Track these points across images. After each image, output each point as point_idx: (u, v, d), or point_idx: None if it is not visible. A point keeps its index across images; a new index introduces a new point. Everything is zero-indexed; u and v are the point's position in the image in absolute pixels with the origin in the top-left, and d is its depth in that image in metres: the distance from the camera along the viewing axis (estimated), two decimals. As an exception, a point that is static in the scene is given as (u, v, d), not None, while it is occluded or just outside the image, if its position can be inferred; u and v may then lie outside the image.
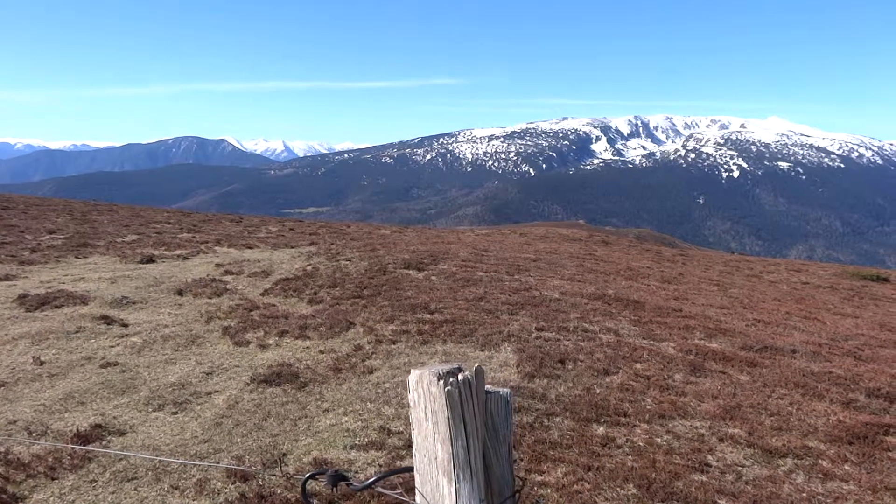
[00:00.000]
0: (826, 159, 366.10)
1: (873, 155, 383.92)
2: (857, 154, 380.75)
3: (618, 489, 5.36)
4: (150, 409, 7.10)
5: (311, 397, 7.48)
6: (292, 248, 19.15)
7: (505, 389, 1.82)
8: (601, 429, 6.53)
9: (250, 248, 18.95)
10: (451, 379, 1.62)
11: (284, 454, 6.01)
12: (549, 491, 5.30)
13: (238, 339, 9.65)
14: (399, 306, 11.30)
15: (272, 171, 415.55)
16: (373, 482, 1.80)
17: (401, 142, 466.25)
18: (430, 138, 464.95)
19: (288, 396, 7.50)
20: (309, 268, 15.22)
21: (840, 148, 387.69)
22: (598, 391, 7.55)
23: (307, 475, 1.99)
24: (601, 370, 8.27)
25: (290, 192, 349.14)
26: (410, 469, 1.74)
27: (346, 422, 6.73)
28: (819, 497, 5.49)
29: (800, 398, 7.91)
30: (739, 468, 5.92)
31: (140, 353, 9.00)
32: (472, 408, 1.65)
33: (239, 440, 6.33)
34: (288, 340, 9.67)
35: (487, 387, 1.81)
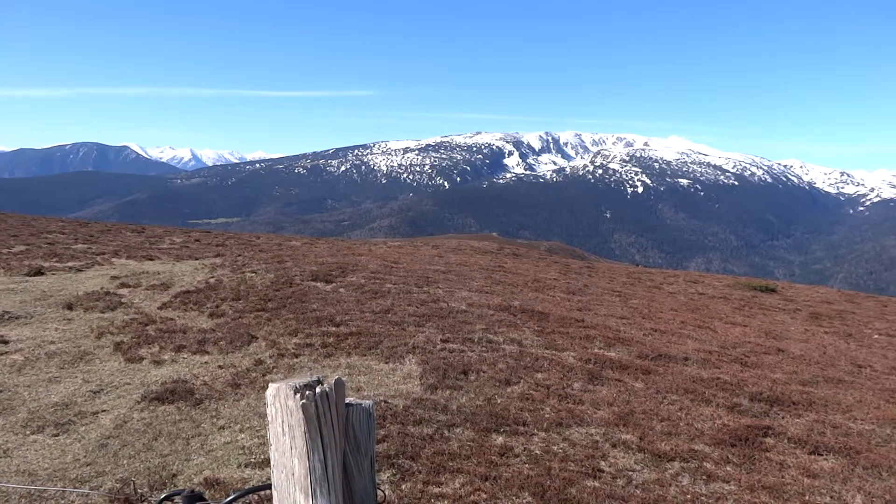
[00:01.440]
0: (722, 177, 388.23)
1: (763, 174, 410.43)
2: (749, 172, 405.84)
3: (513, 498, 5.44)
4: (29, 432, 6.64)
5: (207, 414, 7.21)
6: (196, 259, 18.47)
7: (367, 401, 1.81)
8: (500, 438, 6.61)
9: (151, 259, 18.14)
10: (307, 392, 1.60)
11: (174, 475, 5.76)
12: (446, 503, 5.32)
13: (131, 355, 9.20)
14: (304, 319, 11.10)
15: (179, 180, 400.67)
16: (230, 501, 1.75)
17: (315, 152, 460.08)
18: (345, 150, 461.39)
19: (182, 414, 7.20)
20: (212, 280, 14.72)
21: (734, 166, 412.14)
22: (499, 401, 7.65)
23: (162, 496, 1.91)
24: (503, 380, 8.39)
25: (198, 202, 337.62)
26: (268, 486, 1.70)
27: (243, 439, 6.52)
28: (702, 498, 5.75)
29: (689, 403, 8.29)
30: (630, 473, 6.13)
31: (20, 372, 8.42)
32: (330, 421, 1.63)
33: (125, 462, 6.01)
34: (185, 356, 9.30)
35: (349, 399, 1.79)
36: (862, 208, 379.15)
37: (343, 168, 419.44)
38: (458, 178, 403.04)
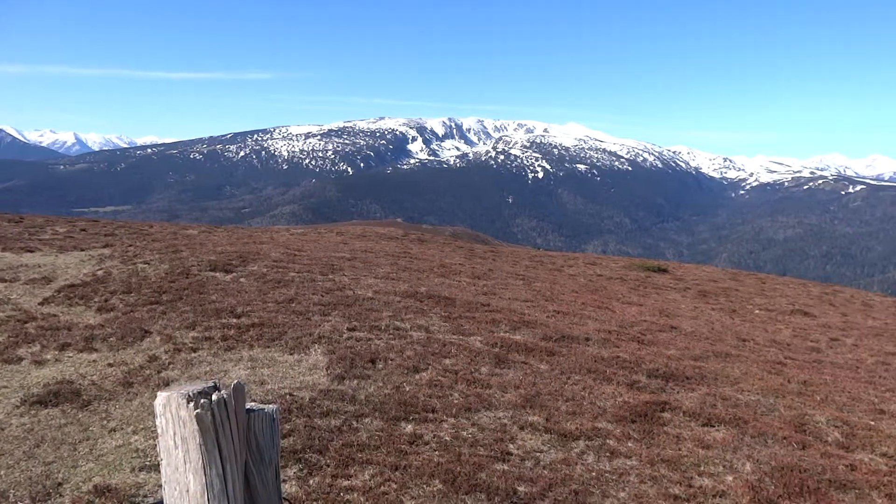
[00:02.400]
0: (617, 163, 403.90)
1: (655, 159, 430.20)
2: (642, 158, 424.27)
3: (424, 486, 5.40)
4: None
5: (96, 417, 6.75)
6: (82, 250, 17.29)
7: (271, 406, 1.68)
8: (409, 427, 6.56)
9: (31, 251, 16.82)
10: (202, 400, 1.45)
11: (59, 484, 5.35)
12: (355, 495, 5.21)
13: (7, 355, 8.48)
14: (202, 311, 10.61)
15: (62, 166, 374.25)
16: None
17: (211, 137, 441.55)
18: (244, 134, 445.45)
19: (67, 417, 6.71)
20: (100, 272, 13.83)
21: (628, 153, 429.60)
22: (407, 389, 7.60)
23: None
24: (411, 367, 8.34)
25: (85, 189, 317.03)
26: (160, 504, 1.54)
27: (136, 441, 6.14)
28: (606, 475, 5.93)
29: (592, 383, 8.54)
30: (538, 454, 6.24)
31: None
32: (229, 431, 1.49)
33: (3, 473, 5.53)
34: (70, 354, 8.67)
35: (250, 404, 1.65)
36: (742, 192, 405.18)
37: (242, 153, 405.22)
38: (362, 164, 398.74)
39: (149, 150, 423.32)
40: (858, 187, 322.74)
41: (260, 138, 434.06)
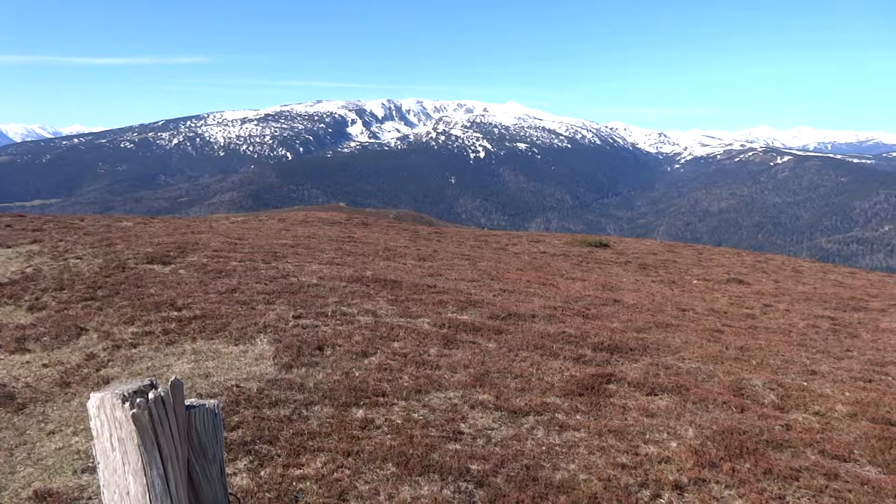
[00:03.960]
0: (556, 140, 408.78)
1: (593, 136, 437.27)
2: (580, 135, 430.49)
3: (377, 470, 5.39)
4: None
5: (33, 420, 6.48)
6: (8, 247, 16.49)
7: (213, 401, 1.62)
8: (360, 412, 6.53)
9: (-50, 250, 15.95)
10: (138, 400, 1.39)
11: (-5, 492, 5.12)
12: (308, 484, 5.16)
13: (-69, 361, 8.05)
14: (141, 305, 10.28)
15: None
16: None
17: (142, 125, 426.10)
18: (177, 121, 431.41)
19: (1, 423, 6.42)
20: (29, 269, 13.23)
21: (567, 130, 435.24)
22: (357, 374, 7.56)
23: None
24: (360, 352, 8.29)
25: (7, 183, 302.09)
26: (99, 509, 1.48)
27: (77, 443, 5.93)
28: (556, 448, 6.04)
29: (539, 359, 8.67)
30: (489, 432, 6.30)
31: None
32: (168, 429, 1.43)
33: (-68, 485, 5.26)
34: (1, 357, 8.29)
35: (191, 400, 1.59)
36: (678, 166, 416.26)
37: (175, 141, 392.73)
38: (302, 149, 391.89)
39: (76, 140, 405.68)
40: (786, 158, 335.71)
41: (194, 125, 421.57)
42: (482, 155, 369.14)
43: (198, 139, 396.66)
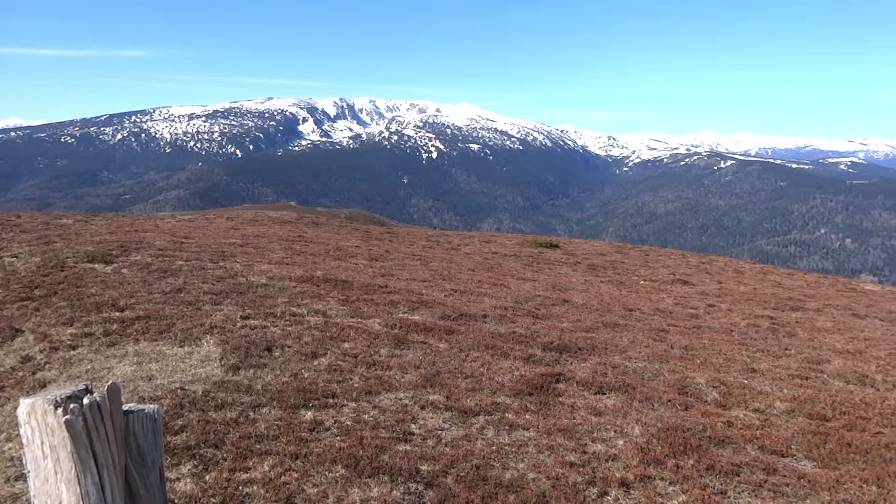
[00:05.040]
0: (508, 142, 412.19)
1: (544, 138, 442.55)
2: (532, 137, 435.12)
3: (326, 473, 5.33)
4: None
5: (-38, 426, 6.19)
6: (-64, 245, 15.73)
7: (152, 406, 1.57)
8: (309, 414, 6.45)
9: None
10: (72, 405, 1.33)
11: (-80, 503, 4.87)
12: (255, 488, 5.07)
13: None
14: (81, 306, 9.93)
15: None
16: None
17: (84, 119, 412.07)
18: (121, 116, 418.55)
19: (-73, 429, 6.11)
20: (-41, 269, 12.63)
21: (519, 132, 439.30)
22: (306, 375, 7.46)
23: None
24: (309, 353, 8.19)
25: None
26: (29, 520, 1.42)
27: (10, 449, 5.68)
28: (506, 447, 6.08)
29: (490, 359, 8.72)
30: (439, 432, 6.30)
31: None
32: (104, 435, 1.38)
33: None
34: (-72, 360, 7.89)
35: (129, 405, 1.54)
36: (626, 168, 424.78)
37: (119, 136, 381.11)
38: (252, 146, 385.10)
39: (12, 134, 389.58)
40: (729, 162, 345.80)
41: (139, 120, 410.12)
42: (435, 155, 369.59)
43: (143, 135, 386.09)
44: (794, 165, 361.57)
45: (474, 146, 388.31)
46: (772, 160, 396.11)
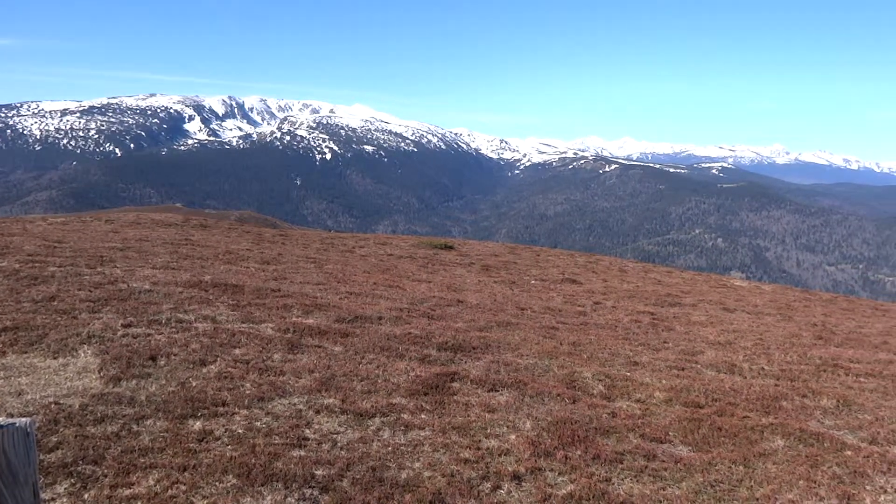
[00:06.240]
0: (403, 144, 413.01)
1: (438, 141, 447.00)
2: (426, 140, 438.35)
3: (216, 483, 5.17)
4: None
5: None
6: None
7: (24, 419, 1.49)
8: (198, 423, 6.22)
9: None
10: (-68, 422, 1.25)
11: None
12: (139, 503, 4.84)
13: None
14: (-63, 318, 9.08)
15: None
16: None
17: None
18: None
19: None
20: None
21: (413, 134, 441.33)
22: (194, 384, 7.18)
23: None
24: (198, 361, 7.89)
25: None
26: None
27: None
28: (402, 447, 6.13)
29: (385, 360, 8.73)
30: (335, 436, 6.25)
31: None
32: (-31, 452, 1.30)
33: None
34: None
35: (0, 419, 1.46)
36: (518, 171, 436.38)
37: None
38: (133, 145, 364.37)
39: None
40: (613, 166, 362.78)
41: (5, 115, 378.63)
42: (329, 156, 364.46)
43: (9, 131, 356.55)
44: (672, 170, 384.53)
45: (369, 148, 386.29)
46: (652, 164, 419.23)
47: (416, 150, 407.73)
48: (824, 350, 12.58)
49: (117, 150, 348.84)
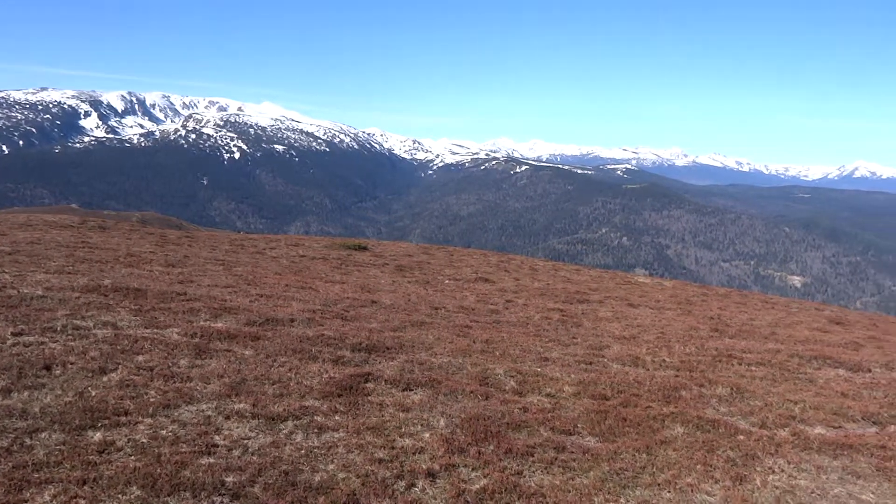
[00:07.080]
0: (314, 143, 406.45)
1: (351, 141, 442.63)
2: (338, 140, 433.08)
3: (119, 496, 4.95)
4: None
5: None
6: None
7: None
8: (98, 434, 5.93)
9: None
10: None
11: None
12: (33, 521, 4.57)
13: None
14: None
15: None
16: None
17: None
18: None
19: None
20: None
21: (325, 134, 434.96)
22: (93, 393, 6.84)
23: None
24: (97, 369, 7.51)
25: None
26: None
27: None
28: (315, 450, 6.06)
29: (298, 363, 8.60)
30: (246, 441, 6.11)
31: None
32: None
33: None
34: None
35: None
36: (431, 172, 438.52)
37: None
38: (22, 142, 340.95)
39: None
40: (524, 168, 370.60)
41: None
42: (237, 156, 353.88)
43: None
44: (580, 171, 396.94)
45: (279, 147, 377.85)
46: (561, 166, 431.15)
47: (328, 149, 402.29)
48: (719, 342, 13.35)
49: (4, 148, 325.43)
